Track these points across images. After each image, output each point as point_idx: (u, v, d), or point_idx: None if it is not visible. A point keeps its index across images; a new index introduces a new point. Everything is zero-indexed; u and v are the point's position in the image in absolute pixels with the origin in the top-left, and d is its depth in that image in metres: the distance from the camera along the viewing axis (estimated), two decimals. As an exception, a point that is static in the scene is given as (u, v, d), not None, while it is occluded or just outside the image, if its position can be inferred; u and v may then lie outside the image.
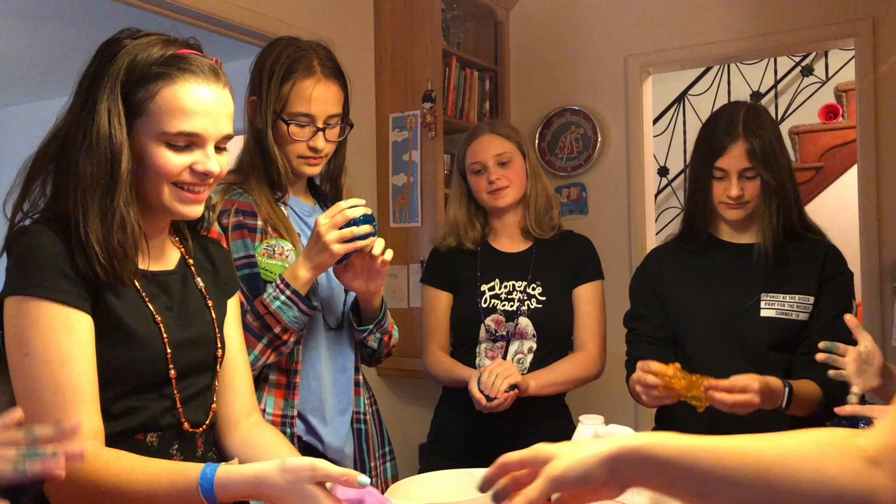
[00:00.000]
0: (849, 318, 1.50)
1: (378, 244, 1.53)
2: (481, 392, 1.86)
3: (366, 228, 1.50)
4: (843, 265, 1.78)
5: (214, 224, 1.57)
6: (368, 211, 1.52)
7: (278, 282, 1.53)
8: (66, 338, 1.09)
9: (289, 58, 1.62)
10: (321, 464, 1.02)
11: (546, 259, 2.09)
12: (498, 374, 1.86)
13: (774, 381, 1.57)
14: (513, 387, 1.87)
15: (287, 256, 1.60)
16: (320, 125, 1.63)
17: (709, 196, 1.77)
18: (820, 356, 1.47)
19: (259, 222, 1.61)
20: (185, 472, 1.07)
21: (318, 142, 1.63)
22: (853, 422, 1.37)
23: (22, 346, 1.09)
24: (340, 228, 1.48)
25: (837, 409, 1.39)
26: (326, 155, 1.67)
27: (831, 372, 1.45)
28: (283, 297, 1.51)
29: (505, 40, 3.82)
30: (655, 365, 1.53)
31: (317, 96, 1.61)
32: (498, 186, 2.05)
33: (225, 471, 1.05)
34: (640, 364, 1.57)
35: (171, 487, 1.06)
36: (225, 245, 1.56)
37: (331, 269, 1.60)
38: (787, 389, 1.58)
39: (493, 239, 2.15)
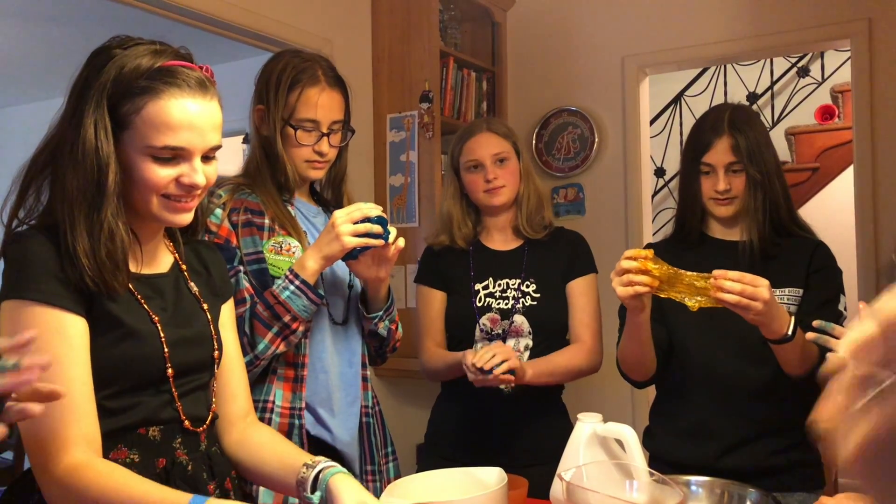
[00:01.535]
0: (862, 306, 1.48)
1: (391, 232, 1.60)
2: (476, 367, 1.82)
3: (378, 228, 1.56)
4: (832, 260, 1.79)
5: (224, 221, 1.63)
6: (385, 215, 1.59)
7: (287, 273, 1.59)
8: (59, 342, 1.10)
9: (294, 68, 1.71)
10: None
11: (538, 256, 2.10)
12: (497, 354, 1.84)
13: (783, 312, 1.55)
14: (509, 371, 1.84)
15: (294, 253, 1.66)
16: (325, 130, 1.71)
17: (698, 193, 1.79)
18: (810, 335, 1.44)
19: (266, 220, 1.67)
20: (174, 497, 1.08)
21: (322, 146, 1.71)
22: None
23: None
24: (356, 223, 1.55)
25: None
26: (330, 160, 1.75)
27: (829, 355, 1.43)
28: (292, 287, 1.57)
29: (502, 41, 3.83)
30: (631, 251, 1.52)
31: (322, 103, 1.70)
32: (495, 185, 2.06)
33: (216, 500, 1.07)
34: (621, 259, 1.54)
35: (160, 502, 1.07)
36: (235, 241, 1.62)
37: (335, 264, 1.65)
38: (792, 317, 1.57)
39: (485, 237, 2.16)
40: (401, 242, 1.62)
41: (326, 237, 1.57)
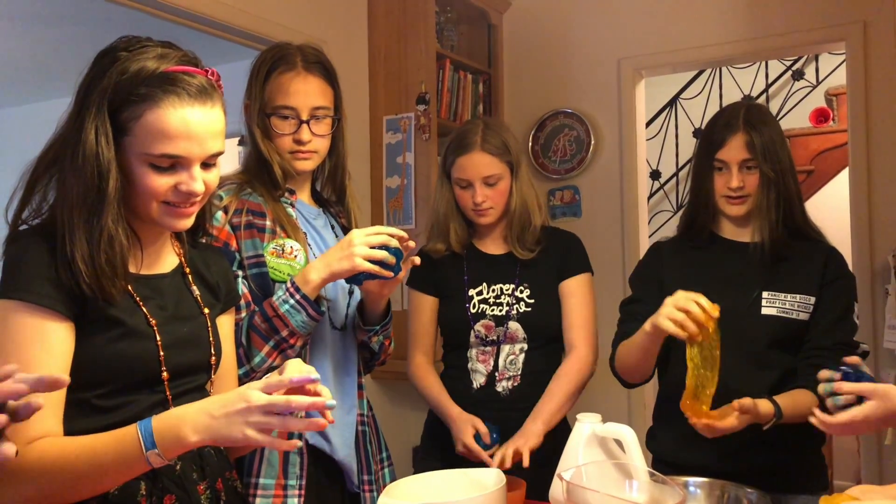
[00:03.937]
0: None
1: (403, 269, 1.56)
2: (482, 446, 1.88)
3: (392, 259, 1.52)
4: (845, 268, 1.78)
5: (225, 224, 1.59)
6: (401, 248, 1.54)
7: (288, 285, 1.54)
8: (37, 345, 1.10)
9: (273, 56, 1.67)
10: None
11: (532, 260, 2.06)
12: (506, 458, 1.85)
13: (765, 410, 1.57)
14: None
15: (295, 256, 1.62)
16: (304, 117, 1.64)
17: (711, 191, 1.77)
18: (820, 387, 1.43)
19: (268, 222, 1.63)
20: (121, 434, 1.08)
21: (302, 134, 1.65)
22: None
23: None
24: (372, 248, 1.50)
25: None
26: (317, 150, 1.68)
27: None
28: (292, 301, 1.52)
29: (498, 43, 3.84)
30: (706, 300, 1.48)
31: (296, 89, 1.64)
32: (482, 208, 2.02)
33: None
34: (686, 294, 1.51)
35: (110, 441, 1.08)
36: (234, 245, 1.58)
37: None
38: (774, 419, 1.58)
39: (478, 241, 2.13)
40: (416, 260, 1.60)
41: (338, 252, 1.51)
